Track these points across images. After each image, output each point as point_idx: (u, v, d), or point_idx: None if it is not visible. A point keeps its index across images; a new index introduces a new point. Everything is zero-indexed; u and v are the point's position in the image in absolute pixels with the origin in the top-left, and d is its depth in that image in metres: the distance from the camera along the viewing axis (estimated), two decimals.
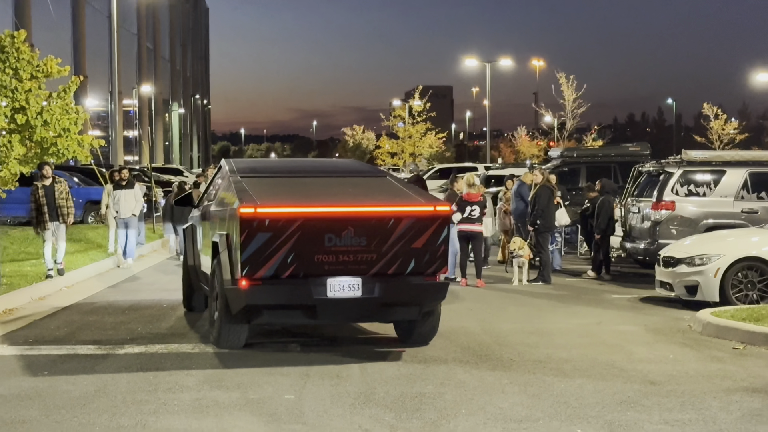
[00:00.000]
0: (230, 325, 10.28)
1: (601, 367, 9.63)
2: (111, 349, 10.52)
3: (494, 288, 16.18)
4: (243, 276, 9.62)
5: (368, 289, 9.84)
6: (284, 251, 9.56)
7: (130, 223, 19.60)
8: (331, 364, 9.71)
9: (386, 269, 9.85)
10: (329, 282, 9.76)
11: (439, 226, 9.91)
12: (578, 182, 23.72)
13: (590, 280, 17.30)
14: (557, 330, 11.88)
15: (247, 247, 9.52)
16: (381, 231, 9.76)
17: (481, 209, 16.42)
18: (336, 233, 9.67)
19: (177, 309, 13.59)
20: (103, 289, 15.98)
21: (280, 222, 9.54)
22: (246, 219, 9.50)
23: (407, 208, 9.90)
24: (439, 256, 9.96)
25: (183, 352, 10.42)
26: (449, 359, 9.98)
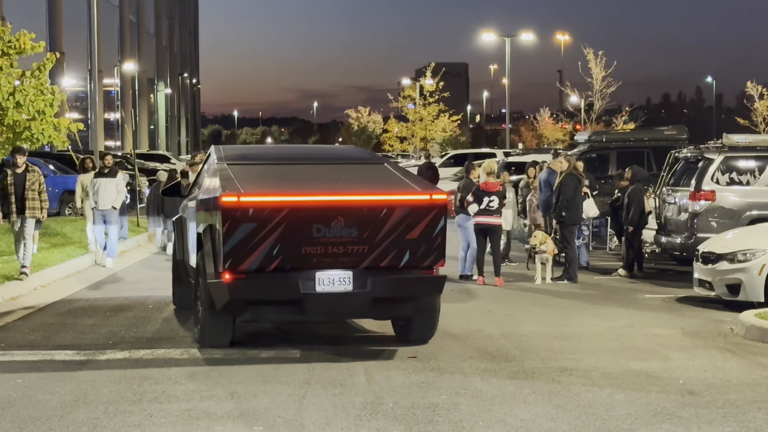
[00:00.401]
0: (214, 321, 10.55)
1: (634, 374, 9.62)
2: (91, 355, 10.54)
3: (514, 287, 16.17)
4: (226, 269, 9.87)
5: (360, 283, 10.10)
6: (270, 243, 9.82)
7: (110, 217, 18.95)
8: (334, 371, 9.71)
9: (379, 262, 10.10)
10: (318, 275, 10.03)
11: (436, 216, 10.15)
12: (607, 170, 23.68)
13: (621, 278, 17.27)
14: (584, 334, 11.87)
15: (230, 239, 9.77)
16: (373, 221, 10.01)
17: (500, 200, 16.39)
18: (325, 224, 9.92)
19: (164, 310, 13.62)
20: (82, 289, 16.02)
21: (265, 212, 9.78)
22: (228, 208, 9.76)
23: (401, 197, 10.16)
24: (436, 248, 10.21)
25: (171, 357, 10.44)
26: (465, 366, 9.98)
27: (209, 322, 10.59)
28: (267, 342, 11.31)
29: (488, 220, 16.37)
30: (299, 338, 11.49)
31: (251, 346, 10.99)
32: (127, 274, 18.12)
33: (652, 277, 17.37)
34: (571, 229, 16.93)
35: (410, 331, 11.08)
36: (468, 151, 50.57)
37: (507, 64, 60.30)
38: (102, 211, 18.94)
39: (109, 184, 19.04)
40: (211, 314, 10.48)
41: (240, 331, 12.00)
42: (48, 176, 26.11)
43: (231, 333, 10.74)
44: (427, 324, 11.05)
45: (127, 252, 21.58)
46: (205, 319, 10.63)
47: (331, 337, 11.58)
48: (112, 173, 19.28)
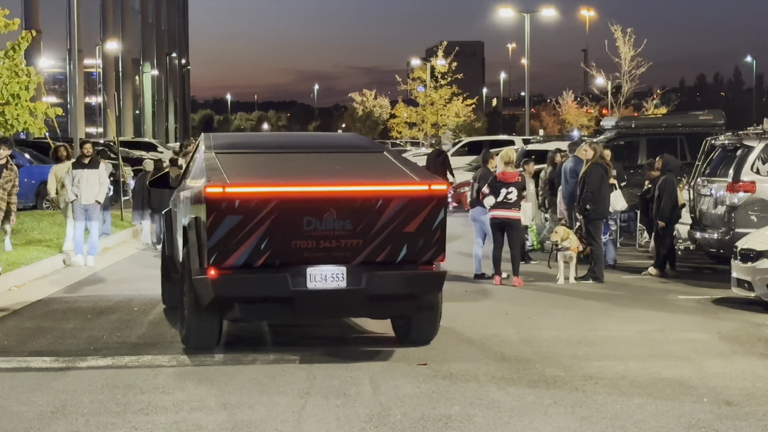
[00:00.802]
0: (200, 321, 10.76)
1: (665, 383, 9.61)
2: (71, 362, 10.56)
3: (535, 287, 16.17)
4: (211, 264, 10.08)
5: (354, 279, 10.28)
6: (257, 236, 10.02)
7: (93, 212, 18.77)
8: (337, 379, 9.72)
9: (374, 257, 10.30)
10: (309, 271, 10.22)
11: (435, 208, 10.35)
12: (637, 159, 23.66)
13: (652, 277, 17.26)
14: (611, 338, 11.87)
15: (215, 232, 9.98)
16: (368, 213, 10.21)
17: (519, 192, 16.36)
18: (316, 216, 10.11)
19: (150, 312, 13.64)
20: (61, 289, 16.04)
21: (252, 203, 9.99)
22: (213, 200, 9.97)
23: (397, 187, 10.36)
24: (435, 242, 10.42)
25: (158, 365, 10.46)
26: (480, 374, 9.98)
27: (195, 322, 10.79)
28: (263, 347, 11.33)
29: (506, 214, 16.34)
30: (298, 342, 11.50)
31: (246, 351, 11.00)
32: (111, 273, 18.15)
33: (685, 277, 17.35)
34: (597, 223, 16.90)
35: (410, 331, 11.31)
36: (483, 138, 50.45)
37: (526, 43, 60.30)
38: (84, 206, 18.69)
39: (91, 176, 18.73)
40: (197, 313, 10.68)
41: (234, 334, 12.03)
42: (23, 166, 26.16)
43: (218, 333, 10.95)
44: (428, 323, 11.25)
45: (111, 249, 21.61)
46: (190, 319, 10.82)
47: (334, 342, 11.59)
48: (94, 163, 18.97)
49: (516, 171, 16.66)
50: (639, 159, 23.56)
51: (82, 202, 18.66)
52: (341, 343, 11.61)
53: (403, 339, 11.39)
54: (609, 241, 18.62)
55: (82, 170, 18.73)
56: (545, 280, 16.76)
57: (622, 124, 24.86)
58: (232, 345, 11.46)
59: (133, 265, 19.29)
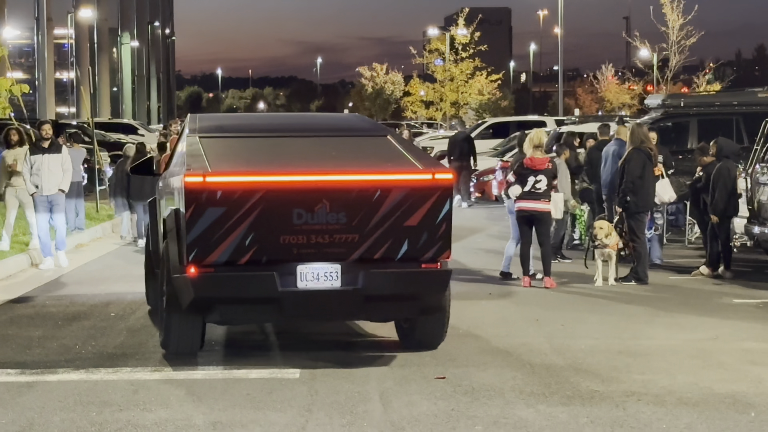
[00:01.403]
0: (180, 323, 10.95)
1: (718, 399, 9.60)
2: (39, 375, 10.58)
3: (569, 290, 16.16)
4: (191, 262, 10.25)
5: (349, 278, 10.47)
6: (242, 231, 10.18)
7: (57, 203, 18.41)
8: (343, 395, 9.73)
9: (372, 253, 10.46)
10: (300, 270, 10.40)
11: (440, 199, 10.50)
12: (686, 142, 23.61)
13: (704, 278, 17.22)
14: (656, 348, 11.86)
15: (195, 226, 10.15)
16: (365, 205, 10.37)
17: (550, 180, 16.32)
18: (307, 208, 10.26)
19: (129, 318, 13.67)
20: (28, 292, 16.07)
21: (236, 194, 10.16)
22: (192, 190, 10.14)
23: (397, 176, 10.51)
24: (440, 237, 10.57)
25: (138, 378, 10.47)
26: (506, 389, 9.99)
27: (174, 324, 10.96)
28: (259, 356, 11.34)
29: (534, 206, 16.28)
30: (299, 351, 11.51)
31: (239, 361, 11.02)
32: (85, 272, 18.18)
33: (742, 278, 17.31)
34: (639, 217, 16.84)
35: (414, 335, 11.53)
36: (510, 119, 50.40)
37: (560, 10, 60.21)
38: (48, 198, 18.30)
39: (52, 162, 18.28)
40: (177, 314, 10.85)
41: (225, 342, 12.05)
42: None
43: (201, 337, 11.14)
44: (435, 326, 11.43)
45: (85, 246, 21.66)
46: (169, 321, 11.01)
47: (339, 351, 11.60)
48: (55, 147, 18.46)
49: (546, 157, 16.60)
50: (689, 143, 23.51)
51: (44, 192, 18.25)
52: (347, 352, 11.60)
53: (407, 344, 11.61)
54: (654, 237, 18.58)
55: (42, 156, 18.24)
56: (581, 282, 16.74)
57: (669, 103, 24.82)
58: (222, 354, 11.48)
59: (110, 264, 19.33)
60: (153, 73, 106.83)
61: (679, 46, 55.14)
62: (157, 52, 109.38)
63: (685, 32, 54.61)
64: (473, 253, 20.42)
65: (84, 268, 18.83)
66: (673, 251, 20.26)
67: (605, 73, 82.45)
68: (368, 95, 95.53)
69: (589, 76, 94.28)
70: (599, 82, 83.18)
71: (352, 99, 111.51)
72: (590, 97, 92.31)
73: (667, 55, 56.56)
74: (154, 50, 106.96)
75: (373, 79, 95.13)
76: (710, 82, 68.58)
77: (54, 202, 18.42)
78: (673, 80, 60.59)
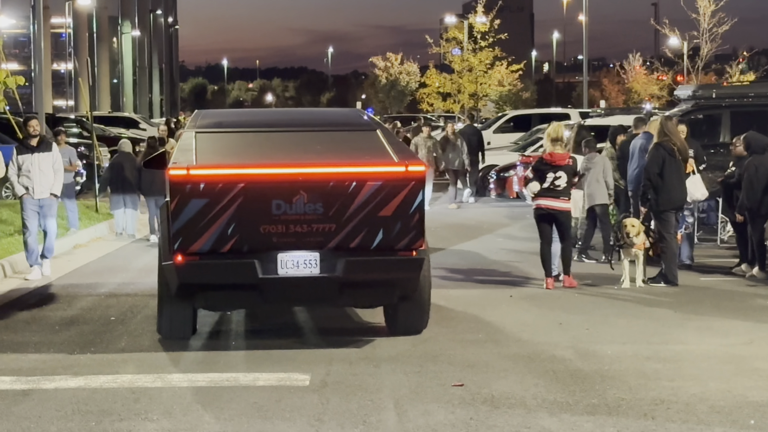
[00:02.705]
0: (172, 309, 12.25)
1: (753, 408, 9.58)
2: (35, 382, 10.60)
3: (593, 292, 16.14)
4: (176, 250, 11.45)
5: (328, 266, 11.63)
6: (224, 221, 11.38)
7: (49, 208, 17.58)
8: (355, 403, 9.73)
9: (349, 242, 11.60)
10: (280, 257, 11.57)
11: (413, 190, 11.59)
12: (719, 136, 23.53)
13: (738, 278, 17.16)
14: (687, 354, 11.83)
15: (180, 216, 11.36)
16: (341, 196, 11.51)
17: (570, 177, 16.29)
18: (286, 199, 11.44)
19: (129, 322, 13.69)
20: (23, 295, 16.11)
21: (218, 186, 11.37)
22: (176, 183, 11.39)
23: (371, 168, 11.68)
24: (413, 226, 11.64)
25: (139, 386, 10.49)
26: (527, 396, 9.98)
27: (167, 309, 12.28)
28: (266, 362, 11.35)
29: (553, 204, 16.24)
30: (308, 356, 11.54)
31: (246, 368, 11.03)
32: (83, 275, 18.19)
33: None
34: (664, 216, 16.75)
35: (397, 321, 12.64)
36: (532, 112, 50.30)
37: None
38: (39, 201, 17.44)
39: (43, 162, 17.35)
40: (168, 300, 12.17)
41: (231, 348, 12.08)
42: None
43: (192, 323, 12.50)
44: (416, 312, 12.56)
45: (83, 246, 21.70)
46: (161, 306, 12.33)
47: (351, 356, 11.61)
48: (45, 146, 17.50)
49: (566, 152, 16.58)
50: (721, 136, 23.41)
51: (36, 196, 17.38)
52: (359, 357, 11.61)
53: (393, 330, 12.68)
54: (685, 235, 18.53)
55: (32, 155, 17.34)
56: (607, 283, 16.71)
57: (700, 94, 24.72)
58: (228, 359, 11.50)
59: (110, 265, 19.33)
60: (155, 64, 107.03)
61: (710, 33, 55.00)
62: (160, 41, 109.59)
63: (717, 19, 54.47)
64: (493, 253, 20.41)
65: (82, 269, 18.85)
66: (705, 251, 20.21)
67: (632, 63, 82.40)
68: (382, 87, 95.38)
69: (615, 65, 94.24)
70: (626, 72, 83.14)
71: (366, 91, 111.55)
72: (617, 88, 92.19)
73: (698, 43, 56.43)
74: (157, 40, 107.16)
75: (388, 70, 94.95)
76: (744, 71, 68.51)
77: (45, 208, 17.53)
78: (705, 70, 60.49)
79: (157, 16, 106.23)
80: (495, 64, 70.01)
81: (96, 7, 74.61)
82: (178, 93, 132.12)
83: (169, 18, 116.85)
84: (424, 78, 77.64)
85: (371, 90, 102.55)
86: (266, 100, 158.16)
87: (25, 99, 41.90)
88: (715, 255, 19.91)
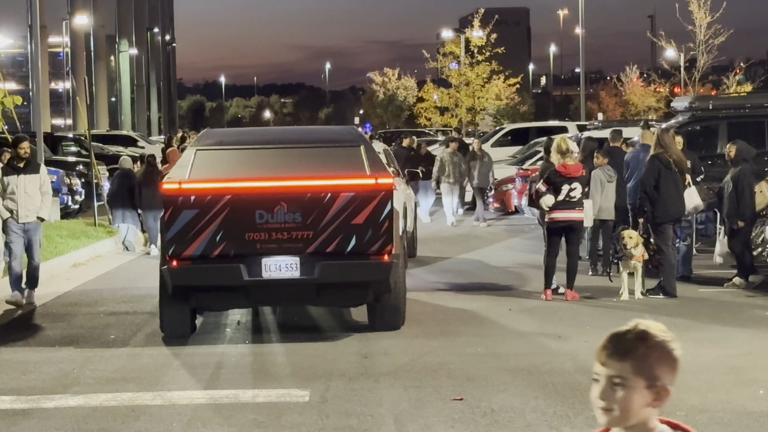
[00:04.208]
0: (170, 309, 13.42)
1: (753, 418, 9.59)
2: (35, 401, 10.61)
3: (592, 304, 16.13)
4: (171, 256, 12.85)
5: (307, 269, 12.88)
6: (212, 229, 12.73)
7: (33, 233, 16.65)
8: (355, 418, 9.75)
9: (325, 247, 12.88)
10: (264, 262, 12.85)
11: (382, 201, 12.88)
12: (716, 147, 23.55)
13: (737, 290, 17.14)
14: (686, 365, 11.73)
15: (173, 225, 12.75)
16: (317, 206, 12.82)
17: (584, 187, 16.28)
18: (268, 210, 12.78)
19: (129, 340, 13.71)
20: (24, 313, 16.08)
21: (207, 198, 12.77)
22: (169, 195, 12.87)
23: (344, 181, 13.00)
24: (383, 233, 12.88)
25: (139, 404, 10.49)
26: (527, 409, 9.99)
27: (166, 310, 13.44)
28: (266, 379, 11.36)
29: (570, 216, 16.15)
30: (308, 372, 11.54)
31: (246, 384, 11.04)
32: (83, 294, 18.14)
33: None
34: (661, 228, 16.77)
35: (376, 319, 13.83)
36: (530, 125, 50.26)
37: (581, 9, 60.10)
38: (24, 225, 16.55)
39: (29, 184, 16.47)
40: (167, 301, 13.34)
41: (230, 364, 12.08)
42: None
43: (190, 323, 13.66)
44: (392, 311, 13.71)
45: (82, 265, 21.69)
46: (162, 307, 13.50)
47: (350, 371, 11.61)
48: (32, 167, 16.66)
49: (579, 163, 16.56)
50: (718, 147, 23.41)
51: (20, 219, 16.45)
52: (359, 371, 11.62)
53: (375, 326, 13.80)
54: (683, 247, 18.51)
55: (17, 177, 16.41)
56: (606, 295, 16.71)
57: (697, 106, 24.73)
58: (227, 375, 11.51)
59: (109, 284, 19.28)
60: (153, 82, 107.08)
61: (707, 45, 55.01)
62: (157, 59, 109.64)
63: (713, 31, 54.48)
64: (491, 266, 20.41)
65: (82, 288, 18.80)
66: (703, 262, 20.19)
67: (629, 75, 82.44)
68: (380, 102, 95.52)
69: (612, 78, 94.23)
70: (623, 85, 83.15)
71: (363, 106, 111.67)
72: (614, 101, 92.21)
73: (695, 55, 56.43)
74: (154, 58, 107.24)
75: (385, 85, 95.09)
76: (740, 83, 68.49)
77: (30, 232, 16.58)
78: (702, 81, 60.50)
79: (154, 34, 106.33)
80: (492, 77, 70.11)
81: (93, 25, 74.75)
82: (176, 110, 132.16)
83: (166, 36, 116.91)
84: (422, 92, 77.75)
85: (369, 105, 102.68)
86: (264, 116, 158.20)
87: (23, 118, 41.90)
88: (713, 266, 19.89)
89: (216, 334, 14.01)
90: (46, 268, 18.74)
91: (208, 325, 14.62)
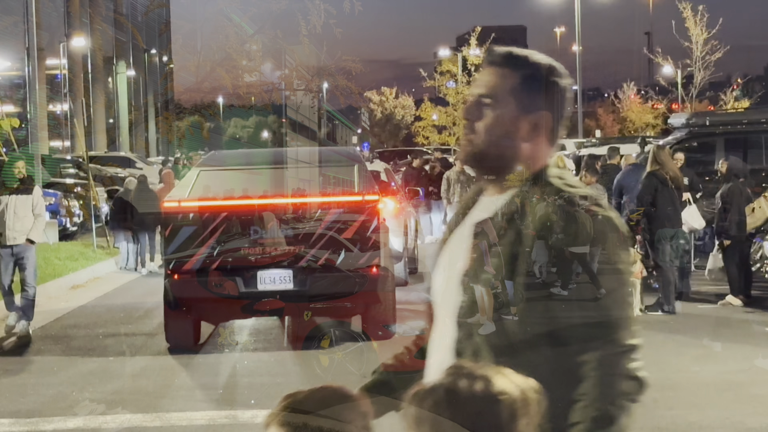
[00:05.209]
0: (174, 320, 14.02)
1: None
2: (34, 425, 10.61)
3: None
4: (172, 269, 13.58)
5: (300, 281, 13.54)
6: (210, 244, 13.41)
7: (26, 257, 15.91)
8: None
9: (317, 261, 13.51)
10: (259, 274, 13.52)
11: (368, 217, 13.58)
12: (714, 163, 23.56)
13: (734, 307, 17.14)
14: (685, 381, 11.83)
15: (173, 241, 13.52)
16: (308, 222, 13.50)
17: None
18: (262, 225, 13.45)
19: (128, 361, 13.69)
20: (21, 336, 16.05)
21: (204, 215, 13.51)
22: (169, 213, 13.61)
23: (331, 198, 13.90)
24: (371, 247, 13.56)
25: (138, 425, 10.50)
26: None
27: (170, 322, 14.07)
28: (265, 400, 11.33)
29: None
30: None
31: (245, 404, 11.04)
32: (81, 315, 18.15)
33: None
34: (660, 245, 16.78)
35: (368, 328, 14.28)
36: None
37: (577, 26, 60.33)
38: (12, 248, 15.86)
39: (20, 206, 15.79)
40: (171, 313, 13.96)
41: (230, 384, 12.08)
42: None
43: (193, 334, 14.20)
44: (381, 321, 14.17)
45: (81, 287, 21.69)
46: (167, 318, 14.11)
47: None
48: (25, 188, 15.94)
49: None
50: (716, 163, 23.42)
51: (9, 242, 15.76)
52: None
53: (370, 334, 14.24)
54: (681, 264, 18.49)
55: (8, 197, 15.77)
56: None
57: (694, 122, 24.75)
58: (227, 395, 11.51)
59: (108, 304, 19.29)
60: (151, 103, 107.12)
61: (703, 61, 55.19)
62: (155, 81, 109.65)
63: (709, 47, 54.66)
64: None
65: (81, 310, 18.81)
66: (702, 278, 20.20)
67: (627, 92, 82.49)
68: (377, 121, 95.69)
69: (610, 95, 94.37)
70: (621, 102, 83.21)
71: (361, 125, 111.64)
72: (611, 118, 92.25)
73: (692, 71, 56.60)
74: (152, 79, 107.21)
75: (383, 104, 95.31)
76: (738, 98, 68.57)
77: (21, 255, 15.86)
78: (699, 98, 60.63)
79: (152, 56, 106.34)
80: None
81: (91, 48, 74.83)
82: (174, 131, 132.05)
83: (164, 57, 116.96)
84: (419, 111, 77.80)
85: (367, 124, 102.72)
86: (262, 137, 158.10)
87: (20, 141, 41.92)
88: (712, 283, 19.88)
89: (215, 355, 14.00)
90: (44, 290, 18.82)
91: (207, 345, 14.63)
